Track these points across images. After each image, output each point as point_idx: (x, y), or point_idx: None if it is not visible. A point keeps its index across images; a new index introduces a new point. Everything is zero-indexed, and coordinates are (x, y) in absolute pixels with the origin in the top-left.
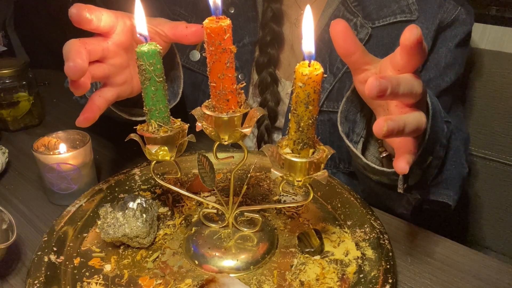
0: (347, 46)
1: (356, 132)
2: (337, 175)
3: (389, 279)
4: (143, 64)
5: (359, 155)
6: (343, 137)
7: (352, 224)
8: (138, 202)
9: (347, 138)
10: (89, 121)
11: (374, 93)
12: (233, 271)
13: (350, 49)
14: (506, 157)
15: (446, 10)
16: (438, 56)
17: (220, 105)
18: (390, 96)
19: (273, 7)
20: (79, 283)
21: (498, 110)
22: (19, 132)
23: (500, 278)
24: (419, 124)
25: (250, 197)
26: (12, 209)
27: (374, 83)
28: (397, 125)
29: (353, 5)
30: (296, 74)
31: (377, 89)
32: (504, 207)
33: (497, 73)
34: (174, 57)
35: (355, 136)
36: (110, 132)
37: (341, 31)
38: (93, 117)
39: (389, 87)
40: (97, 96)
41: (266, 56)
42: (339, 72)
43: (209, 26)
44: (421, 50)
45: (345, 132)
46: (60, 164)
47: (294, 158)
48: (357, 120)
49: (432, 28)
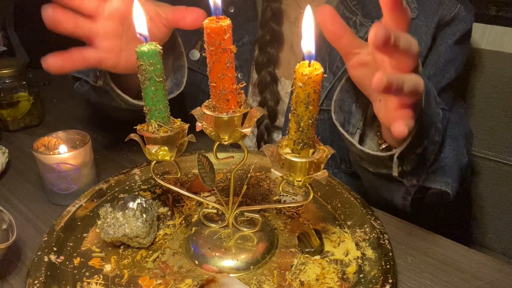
0: (335, 30)
1: (352, 123)
2: (339, 175)
3: (389, 279)
4: (143, 64)
5: (353, 142)
6: (337, 125)
7: (352, 224)
8: (138, 202)
9: (343, 129)
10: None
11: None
12: (233, 271)
13: (338, 32)
14: (506, 157)
15: (445, 8)
16: (438, 53)
17: (220, 105)
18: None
19: (272, 6)
20: (79, 283)
21: (498, 110)
22: (19, 132)
23: (500, 278)
24: (418, 85)
25: (250, 197)
26: (12, 209)
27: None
28: (396, 79)
29: (352, 4)
30: (296, 74)
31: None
32: (504, 207)
33: (497, 73)
34: (178, 47)
35: (351, 127)
36: (110, 132)
37: (328, 14)
38: (61, 64)
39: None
40: (77, 50)
41: (266, 55)
42: (338, 71)
43: (209, 26)
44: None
45: (340, 122)
46: (60, 164)
47: (294, 158)
48: (352, 110)
49: (432, 26)
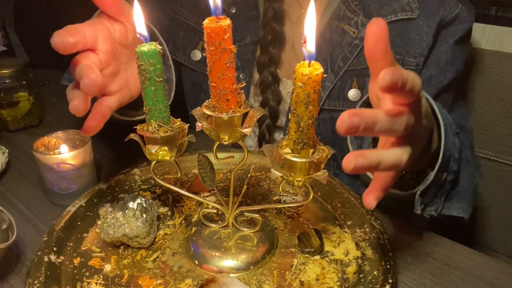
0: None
1: (364, 148)
2: (340, 176)
3: (389, 279)
4: (143, 64)
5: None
6: None
7: (352, 224)
8: (138, 202)
9: None
10: (94, 129)
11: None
12: (233, 271)
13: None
14: (506, 157)
15: (447, 8)
16: (439, 53)
17: (220, 105)
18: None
19: (274, 6)
20: (79, 283)
21: (498, 110)
22: (19, 132)
23: (500, 278)
24: (398, 161)
25: (250, 197)
26: (12, 209)
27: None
28: (368, 162)
29: (354, 4)
30: (296, 74)
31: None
32: (503, 207)
33: (497, 73)
34: (167, 60)
35: None
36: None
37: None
38: (98, 125)
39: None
40: (99, 104)
41: (268, 56)
42: (340, 71)
43: (209, 26)
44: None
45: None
46: (60, 164)
47: (294, 158)
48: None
49: (433, 26)
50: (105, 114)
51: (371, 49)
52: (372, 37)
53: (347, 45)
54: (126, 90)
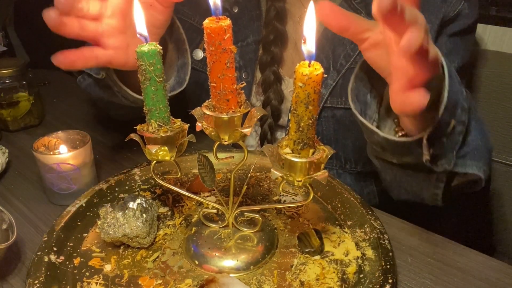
0: (339, 23)
1: (368, 114)
2: (343, 176)
3: (389, 279)
4: (143, 64)
5: (376, 130)
6: (356, 114)
7: (352, 224)
8: (138, 202)
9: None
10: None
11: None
12: (233, 271)
13: (343, 24)
14: (506, 157)
15: (449, 5)
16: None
17: (220, 105)
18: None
19: (276, 6)
20: (79, 283)
21: (498, 110)
22: (19, 132)
23: (500, 278)
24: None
25: (250, 197)
26: (12, 209)
27: None
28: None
29: (356, 2)
30: (296, 74)
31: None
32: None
33: (497, 73)
34: (182, 44)
35: (367, 119)
36: (110, 132)
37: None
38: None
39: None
40: (88, 48)
41: (270, 55)
42: (342, 69)
43: (209, 26)
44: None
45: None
46: (60, 164)
47: (294, 158)
48: (368, 101)
49: (436, 23)
50: (87, 58)
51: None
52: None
53: (349, 43)
54: (122, 52)
